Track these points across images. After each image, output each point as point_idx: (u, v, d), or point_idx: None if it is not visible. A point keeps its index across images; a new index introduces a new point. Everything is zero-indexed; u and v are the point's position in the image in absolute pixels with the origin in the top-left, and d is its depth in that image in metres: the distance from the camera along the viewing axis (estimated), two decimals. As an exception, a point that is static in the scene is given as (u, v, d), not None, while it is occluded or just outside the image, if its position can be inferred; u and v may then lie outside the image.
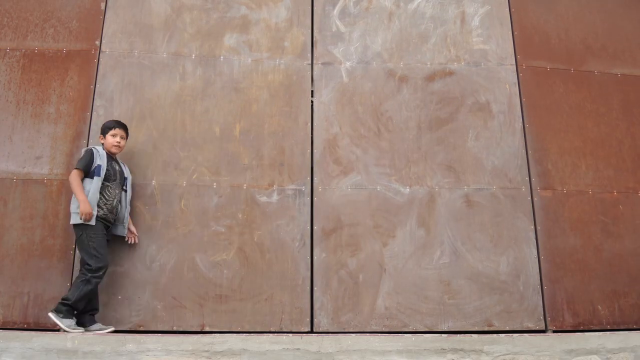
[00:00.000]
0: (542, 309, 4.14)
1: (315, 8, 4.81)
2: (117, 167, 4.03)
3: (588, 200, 4.42)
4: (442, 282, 4.17)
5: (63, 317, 3.66)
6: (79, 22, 4.62)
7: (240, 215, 4.25)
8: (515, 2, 4.90)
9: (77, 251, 3.92)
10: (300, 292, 4.11)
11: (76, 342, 3.55)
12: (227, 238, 4.20)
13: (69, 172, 4.16)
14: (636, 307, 4.20)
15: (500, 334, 3.85)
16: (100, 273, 3.75)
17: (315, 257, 4.18)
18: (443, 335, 3.77)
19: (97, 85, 4.46)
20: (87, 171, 3.86)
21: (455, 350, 3.65)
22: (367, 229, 4.27)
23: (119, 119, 4.18)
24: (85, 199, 3.75)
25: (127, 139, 4.14)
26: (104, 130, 4.07)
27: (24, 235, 4.07)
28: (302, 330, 4.01)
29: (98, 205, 3.83)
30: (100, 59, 4.53)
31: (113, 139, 4.02)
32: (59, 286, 3.98)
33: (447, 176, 4.42)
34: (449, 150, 4.49)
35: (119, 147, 4.05)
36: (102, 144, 4.05)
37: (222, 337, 3.66)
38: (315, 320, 4.05)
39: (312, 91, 4.62)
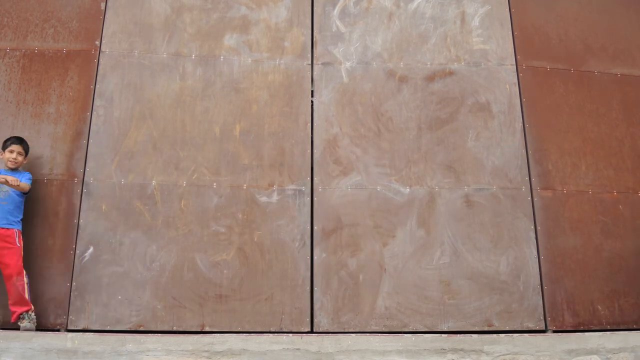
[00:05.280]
0: (542, 309, 4.13)
1: (315, 8, 4.81)
2: None
3: (588, 200, 4.42)
4: (442, 282, 4.16)
5: None
6: (79, 22, 4.62)
7: (240, 216, 4.25)
8: (515, 2, 4.90)
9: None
10: (300, 292, 4.10)
11: (76, 342, 3.55)
12: (227, 238, 4.19)
13: (69, 172, 4.18)
14: (636, 307, 4.20)
15: (500, 334, 3.85)
16: None
17: (315, 257, 4.18)
18: (443, 335, 3.78)
19: (97, 85, 4.45)
20: None
21: (455, 350, 3.65)
22: (367, 229, 4.27)
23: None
24: None
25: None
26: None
27: (24, 235, 4.07)
28: (302, 330, 4.01)
29: None
30: (100, 59, 4.53)
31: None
32: (59, 286, 3.98)
33: (447, 176, 4.42)
34: (449, 150, 4.48)
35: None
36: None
37: (222, 337, 3.66)
38: (315, 320, 4.05)
39: (312, 91, 4.62)
